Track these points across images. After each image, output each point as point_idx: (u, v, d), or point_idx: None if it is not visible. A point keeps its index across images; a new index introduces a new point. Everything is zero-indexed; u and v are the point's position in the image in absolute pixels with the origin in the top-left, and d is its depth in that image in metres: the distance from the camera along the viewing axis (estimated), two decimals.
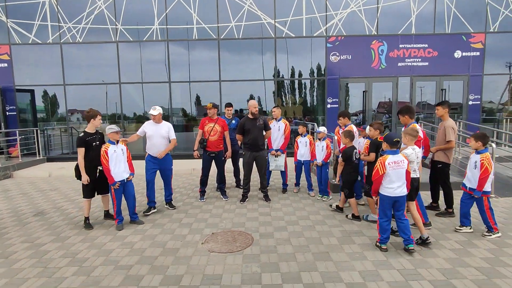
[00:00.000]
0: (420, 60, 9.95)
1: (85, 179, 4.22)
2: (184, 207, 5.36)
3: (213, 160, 5.55)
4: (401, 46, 9.91)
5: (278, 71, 10.22)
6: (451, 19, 9.83)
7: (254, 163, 5.48)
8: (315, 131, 6.51)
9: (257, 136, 5.34)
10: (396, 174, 3.46)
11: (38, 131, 9.78)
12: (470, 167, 3.94)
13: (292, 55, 10.22)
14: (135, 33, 9.98)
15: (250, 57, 10.35)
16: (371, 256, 3.40)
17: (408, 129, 3.98)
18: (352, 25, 9.89)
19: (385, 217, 3.53)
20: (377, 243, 3.59)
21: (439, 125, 4.96)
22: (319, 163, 5.61)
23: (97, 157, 4.17)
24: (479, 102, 10.07)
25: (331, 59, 10.01)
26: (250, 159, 5.42)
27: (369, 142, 4.60)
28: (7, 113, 10.19)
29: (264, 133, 5.48)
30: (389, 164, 3.45)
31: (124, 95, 10.24)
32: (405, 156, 3.58)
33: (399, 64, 9.98)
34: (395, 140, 3.49)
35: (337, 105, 10.10)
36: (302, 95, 10.64)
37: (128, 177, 4.38)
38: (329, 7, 9.85)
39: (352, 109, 10.64)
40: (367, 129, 4.92)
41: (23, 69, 10.16)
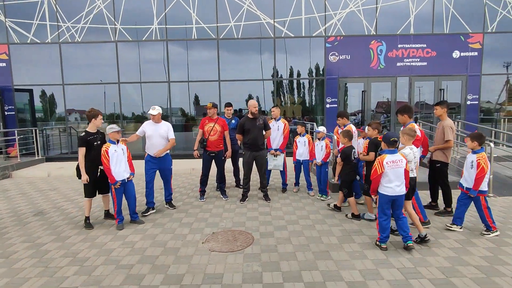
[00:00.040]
0: (418, 60, 9.99)
1: (84, 178, 4.22)
2: (184, 206, 5.37)
3: (213, 160, 5.56)
4: (399, 46, 9.95)
5: (277, 71, 10.23)
6: (449, 19, 9.88)
7: (254, 163, 5.50)
8: (314, 130, 6.53)
9: (257, 135, 5.35)
10: (395, 173, 3.49)
11: (37, 131, 9.76)
12: (467, 167, 3.97)
13: (291, 55, 10.24)
14: (134, 32, 9.97)
15: (249, 57, 10.36)
16: (371, 255, 3.42)
17: (406, 129, 4.02)
18: (351, 25, 9.92)
19: (384, 216, 3.55)
20: (377, 242, 3.61)
21: (437, 124, 4.99)
22: (318, 162, 5.64)
23: (98, 156, 4.17)
24: (477, 102, 10.12)
25: (330, 59, 10.03)
26: (250, 158, 5.44)
27: (368, 141, 4.63)
28: (6, 113, 10.16)
29: (264, 132, 5.50)
30: (387, 163, 3.49)
31: (123, 95, 10.23)
32: (403, 155, 3.60)
33: (398, 64, 10.01)
34: (392, 139, 3.52)
35: (336, 105, 10.12)
36: (301, 95, 10.66)
37: (128, 177, 4.39)
38: (328, 7, 9.87)
39: (351, 109, 10.67)
40: (366, 129, 4.95)
41: (21, 69, 10.12)
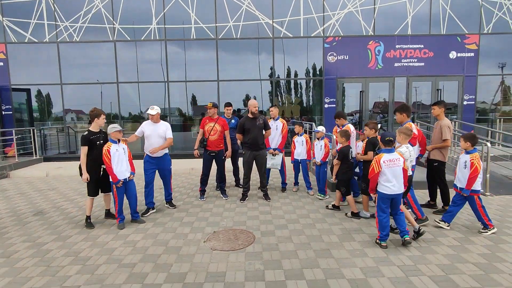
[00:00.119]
0: (416, 60, 10.07)
1: (85, 177, 4.23)
2: (185, 206, 5.38)
3: (213, 160, 5.58)
4: (397, 46, 10.03)
5: (275, 71, 10.26)
6: (446, 20, 9.97)
7: (254, 162, 5.52)
8: (313, 130, 6.57)
9: (257, 135, 5.38)
10: (392, 172, 3.54)
11: (35, 130, 9.71)
12: (460, 167, 4.02)
13: (289, 55, 10.28)
14: (133, 32, 9.95)
15: (248, 57, 10.39)
16: (371, 253, 3.46)
17: (403, 128, 4.09)
18: (349, 25, 9.98)
19: (383, 214, 3.60)
20: (377, 241, 3.66)
21: (435, 124, 5.06)
22: (317, 162, 5.69)
23: (100, 155, 4.18)
24: (473, 102, 10.23)
25: (328, 59, 10.08)
26: (250, 158, 5.46)
27: (366, 141, 4.69)
28: (3, 112, 10.09)
29: (264, 132, 5.53)
30: (384, 162, 3.55)
31: (121, 94, 10.20)
32: (401, 154, 3.66)
33: (396, 65, 10.09)
34: (387, 139, 3.60)
35: (334, 105, 10.18)
36: (300, 95, 10.70)
37: (129, 176, 4.40)
38: (327, 8, 9.92)
39: (349, 109, 10.73)
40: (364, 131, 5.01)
41: (19, 68, 10.06)
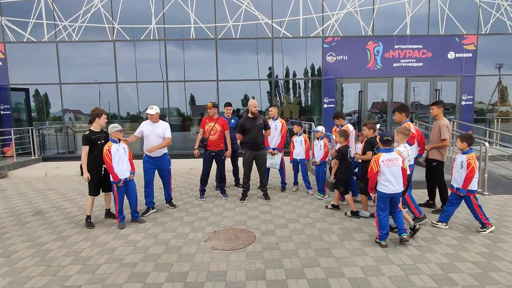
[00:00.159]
0: (414, 60, 10.11)
1: (86, 176, 4.24)
2: (185, 205, 5.39)
3: (213, 159, 5.58)
4: (396, 47, 10.07)
5: (275, 71, 10.28)
6: (444, 21, 10.02)
7: (254, 162, 5.53)
8: (313, 130, 6.60)
9: (257, 135, 5.39)
10: (391, 171, 3.57)
11: (33, 130, 9.69)
12: (457, 167, 4.04)
13: (289, 55, 10.30)
14: (132, 32, 9.93)
15: (247, 57, 10.39)
16: (371, 252, 3.48)
17: (401, 127, 4.13)
18: (348, 26, 10.01)
19: (383, 213, 3.63)
20: (377, 240, 3.68)
21: (433, 124, 5.09)
22: (317, 161, 5.71)
23: (102, 155, 4.18)
24: (471, 103, 10.28)
25: (327, 59, 10.11)
26: (250, 158, 5.48)
27: (365, 141, 4.71)
28: (1, 112, 10.05)
29: (264, 132, 5.55)
30: (382, 161, 3.58)
31: (120, 94, 10.18)
32: (399, 153, 3.69)
33: (394, 65, 10.13)
34: (385, 138, 3.63)
35: (333, 105, 10.21)
36: (299, 95, 10.72)
37: (129, 176, 4.40)
38: (326, 8, 9.95)
39: (348, 109, 10.76)
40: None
41: (18, 68, 10.02)
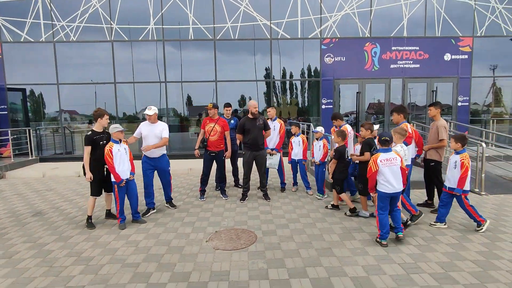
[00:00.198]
0: (411, 62, 10.21)
1: (88, 176, 4.23)
2: (185, 206, 5.40)
3: (213, 160, 5.60)
4: (393, 48, 10.16)
5: (273, 72, 10.32)
6: (440, 23, 10.13)
7: (254, 162, 5.56)
8: (312, 130, 6.64)
9: (257, 135, 5.42)
10: (390, 171, 3.63)
11: (31, 130, 9.62)
12: (450, 167, 4.11)
13: (287, 57, 10.34)
14: (130, 32, 9.91)
15: (245, 58, 10.41)
16: (372, 251, 3.52)
17: (398, 128, 4.20)
18: (346, 27, 10.08)
19: (383, 212, 3.68)
20: (377, 239, 3.72)
21: (431, 125, 5.16)
22: (316, 162, 5.75)
23: (103, 155, 4.17)
24: (467, 104, 10.41)
25: (325, 60, 10.17)
26: (250, 158, 5.50)
27: (362, 141, 4.75)
28: None
29: (264, 132, 5.57)
30: (381, 161, 3.65)
31: (119, 95, 10.15)
32: (397, 153, 3.74)
33: (392, 66, 10.22)
34: (383, 138, 3.70)
35: (331, 106, 10.27)
36: (297, 96, 10.77)
37: (129, 176, 4.40)
38: (324, 10, 10.01)
39: (346, 110, 10.82)
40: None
41: (15, 68, 9.94)
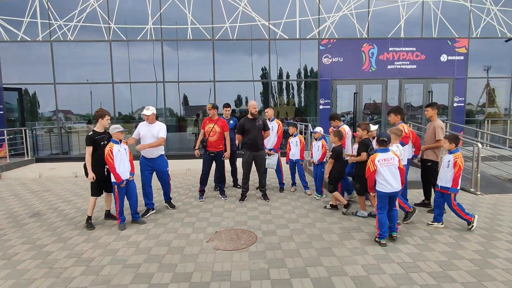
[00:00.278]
0: (408, 63, 10.29)
1: (91, 176, 4.22)
2: (184, 206, 5.40)
3: (213, 160, 5.61)
4: (390, 49, 10.23)
5: (271, 72, 10.34)
6: (437, 24, 10.23)
7: (253, 163, 5.58)
8: (311, 131, 6.68)
9: (256, 136, 5.44)
10: (388, 171, 3.68)
11: (27, 130, 9.54)
12: (443, 166, 4.18)
13: (285, 57, 10.36)
14: (128, 32, 9.87)
15: (244, 58, 10.42)
16: (371, 250, 3.56)
17: (394, 128, 4.27)
18: (344, 28, 10.13)
19: (382, 212, 3.74)
20: (376, 239, 3.76)
21: (427, 125, 5.23)
22: (315, 162, 5.79)
23: (104, 156, 4.17)
24: (463, 104, 10.52)
25: (323, 61, 10.22)
26: (250, 158, 5.52)
27: (359, 142, 4.79)
28: None
29: (263, 133, 5.60)
30: (378, 161, 3.70)
31: (117, 95, 10.11)
32: (395, 153, 3.79)
33: (389, 67, 10.29)
34: (381, 139, 3.76)
35: (329, 106, 10.31)
36: (295, 96, 10.80)
37: (129, 177, 4.40)
38: (322, 10, 10.05)
39: (343, 110, 10.88)
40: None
41: (11, 67, 9.85)
